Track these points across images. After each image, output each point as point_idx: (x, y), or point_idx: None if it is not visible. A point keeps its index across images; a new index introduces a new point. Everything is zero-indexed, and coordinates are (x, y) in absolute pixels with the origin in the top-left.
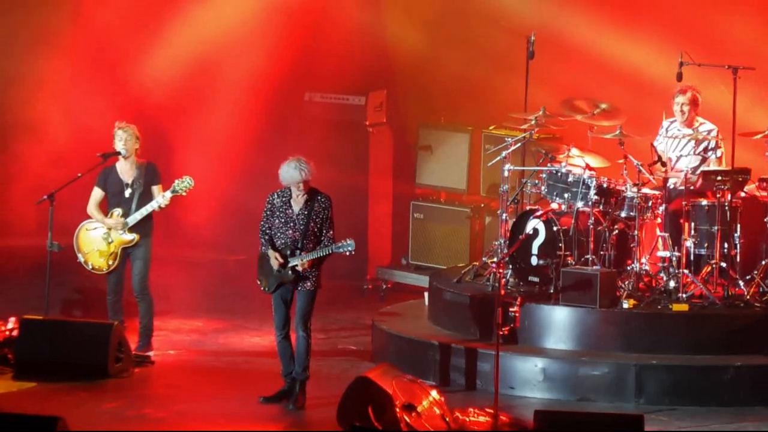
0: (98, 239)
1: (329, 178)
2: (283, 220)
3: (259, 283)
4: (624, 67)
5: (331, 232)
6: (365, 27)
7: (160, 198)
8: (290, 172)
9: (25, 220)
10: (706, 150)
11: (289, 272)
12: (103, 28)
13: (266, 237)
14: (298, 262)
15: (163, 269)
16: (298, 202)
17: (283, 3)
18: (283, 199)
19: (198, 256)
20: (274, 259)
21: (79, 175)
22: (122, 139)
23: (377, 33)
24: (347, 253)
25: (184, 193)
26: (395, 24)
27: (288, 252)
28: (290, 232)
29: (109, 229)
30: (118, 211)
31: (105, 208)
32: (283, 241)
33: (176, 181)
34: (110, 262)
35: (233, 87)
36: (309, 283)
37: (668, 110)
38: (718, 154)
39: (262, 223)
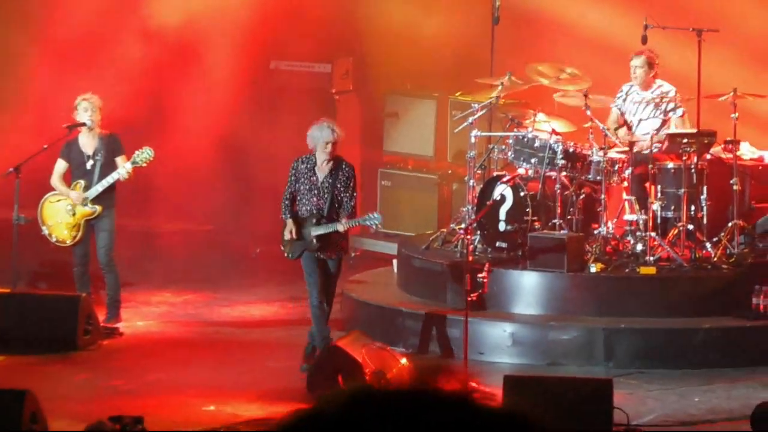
0: (62, 211)
1: (296, 146)
2: (307, 187)
3: (282, 249)
4: (589, 31)
5: (354, 202)
6: None
7: (121, 169)
8: (323, 131)
9: None
10: (666, 112)
11: (313, 241)
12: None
13: (285, 203)
14: (339, 227)
15: (130, 240)
16: (323, 170)
17: None
18: (308, 165)
19: (165, 226)
20: (288, 233)
21: (45, 147)
22: (87, 110)
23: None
24: (373, 227)
25: (144, 164)
26: None
27: (313, 220)
28: (315, 199)
29: (73, 201)
30: (81, 183)
31: (69, 180)
32: (307, 208)
33: (136, 152)
34: (74, 234)
35: (199, 57)
36: (335, 254)
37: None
38: (679, 113)
39: (286, 188)
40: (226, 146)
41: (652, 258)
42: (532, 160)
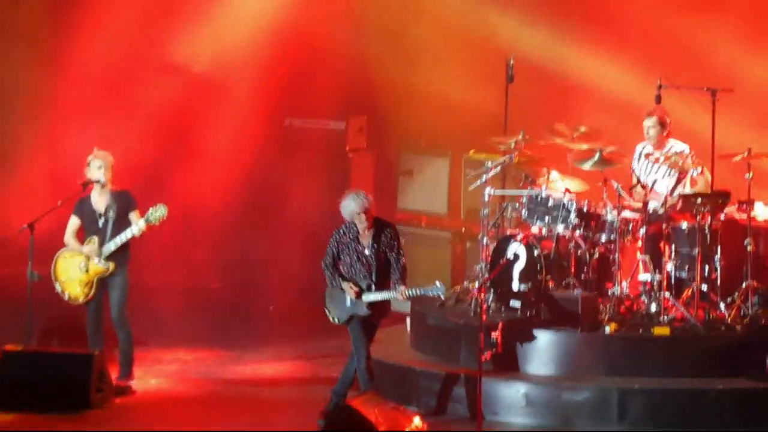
0: (75, 268)
1: (311, 203)
2: (355, 256)
3: (327, 313)
4: (604, 90)
5: (402, 262)
6: (345, 52)
7: (135, 227)
8: (350, 205)
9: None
10: (681, 171)
11: (364, 307)
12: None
13: (330, 271)
14: (398, 295)
15: (143, 297)
16: (365, 237)
17: (265, 30)
18: (351, 235)
19: (177, 284)
20: (350, 289)
21: (59, 203)
22: (100, 167)
23: (357, 59)
24: (436, 296)
25: (157, 223)
26: (375, 49)
27: (364, 286)
28: (361, 267)
29: (87, 258)
30: (94, 239)
31: (82, 236)
32: (354, 275)
33: (150, 210)
34: (87, 291)
35: (217, 114)
36: (380, 318)
37: (634, 130)
38: (699, 170)
39: (325, 259)
40: (241, 204)
41: (666, 318)
42: (546, 219)
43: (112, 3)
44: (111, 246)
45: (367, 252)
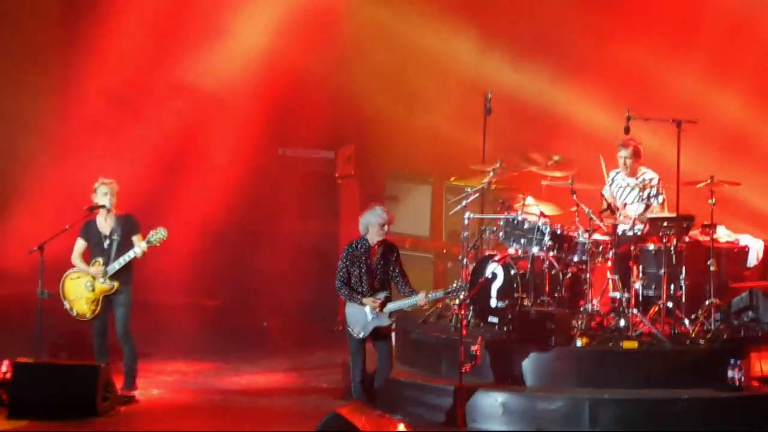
0: (82, 287)
1: (302, 227)
2: (364, 269)
3: (350, 330)
4: (576, 122)
5: (407, 277)
6: (334, 87)
7: (137, 248)
8: (379, 215)
9: (17, 270)
10: (649, 197)
11: (386, 317)
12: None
13: (347, 290)
14: (421, 301)
15: (145, 313)
16: (375, 252)
17: (258, 67)
18: (362, 249)
19: (178, 301)
20: (372, 303)
21: (67, 227)
22: (106, 194)
23: (345, 92)
24: (455, 295)
25: (157, 244)
26: (362, 83)
27: (381, 298)
28: (369, 280)
29: (93, 277)
30: (99, 260)
31: (89, 258)
32: (360, 290)
33: (151, 232)
34: (93, 308)
35: (212, 147)
36: (389, 329)
37: (607, 159)
38: (660, 200)
39: (339, 278)
40: (237, 227)
41: (634, 333)
42: (522, 241)
43: (113, 32)
44: (115, 266)
45: (375, 266)
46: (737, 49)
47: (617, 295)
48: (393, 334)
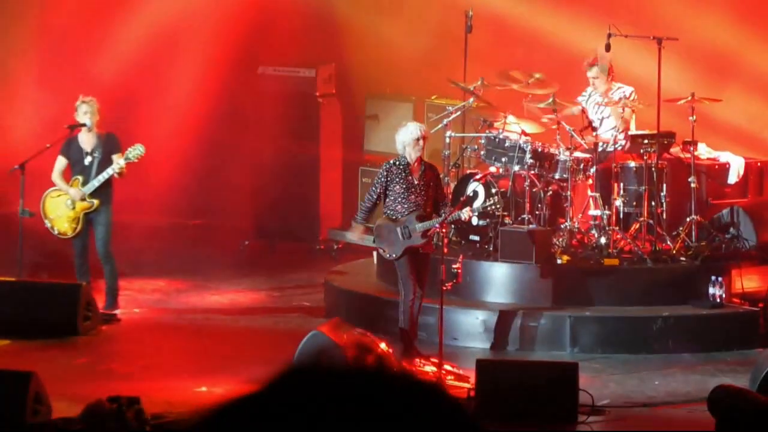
0: (62, 205)
1: (283, 147)
2: (404, 186)
3: (381, 251)
4: (557, 40)
5: (446, 197)
6: (314, 3)
7: (115, 165)
8: (413, 130)
9: None
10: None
11: (419, 236)
12: (63, 20)
13: (368, 207)
14: (465, 215)
15: (126, 233)
16: (416, 170)
17: None
18: (400, 167)
19: (159, 221)
20: (383, 233)
21: (48, 145)
22: (86, 112)
23: (326, 9)
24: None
25: (135, 160)
26: (344, 1)
27: (415, 217)
28: (413, 197)
29: (72, 197)
30: (79, 179)
31: (69, 176)
32: (405, 206)
33: (128, 149)
34: (74, 226)
35: (192, 64)
36: (431, 247)
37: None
38: (628, 113)
39: (372, 191)
40: (218, 146)
41: (615, 251)
42: (503, 159)
43: None
44: (95, 183)
45: (417, 183)
46: None
47: (598, 212)
48: (375, 254)
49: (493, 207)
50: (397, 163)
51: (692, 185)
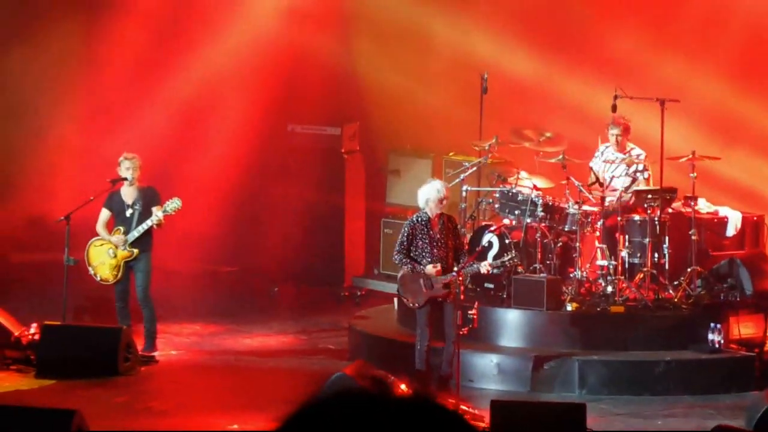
0: (104, 254)
1: (310, 199)
2: (426, 241)
3: (405, 300)
4: (566, 100)
5: (465, 248)
6: (340, 67)
7: (154, 217)
8: (438, 190)
9: (44, 238)
10: (635, 172)
11: (441, 288)
12: (107, 79)
13: (408, 258)
14: (483, 269)
15: (164, 279)
16: (436, 224)
17: (267, 48)
18: (422, 222)
19: (196, 268)
20: (433, 269)
21: (91, 198)
22: (129, 168)
23: (350, 72)
24: (508, 264)
25: (173, 213)
26: (366, 64)
27: (436, 269)
28: (435, 251)
29: (114, 245)
30: (120, 229)
31: (112, 227)
32: (428, 260)
33: (167, 202)
34: (115, 274)
35: (229, 121)
36: (452, 297)
37: (603, 137)
38: (646, 176)
39: (402, 245)
40: (250, 198)
41: (620, 299)
42: (516, 212)
43: (132, 12)
44: (134, 234)
45: (438, 237)
46: (719, 31)
47: (605, 262)
48: (396, 300)
49: (512, 261)
50: (419, 219)
51: (693, 237)
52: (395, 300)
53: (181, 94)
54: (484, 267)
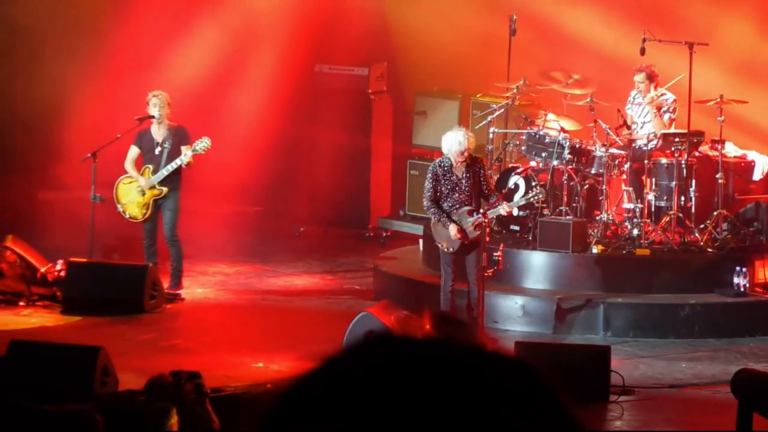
0: (133, 192)
1: (336, 140)
2: (449, 187)
3: (439, 245)
4: (595, 43)
5: (491, 187)
6: (368, 7)
7: (183, 156)
8: (460, 142)
9: (71, 176)
10: (662, 114)
11: (473, 230)
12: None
13: (436, 208)
14: (503, 210)
15: (192, 219)
16: (459, 168)
17: None
18: (444, 167)
19: (223, 208)
20: (456, 231)
21: (118, 136)
22: (156, 105)
23: (378, 12)
24: (536, 199)
25: (203, 152)
26: (394, 4)
27: (465, 212)
28: (456, 195)
29: (141, 187)
30: (149, 168)
31: (141, 164)
32: (450, 204)
33: (196, 141)
34: (144, 212)
35: (257, 64)
36: (479, 239)
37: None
38: (667, 118)
39: (429, 194)
40: (277, 139)
41: (646, 242)
42: (543, 155)
43: None
44: (164, 172)
45: (463, 182)
46: None
47: (631, 205)
48: (421, 241)
49: (537, 197)
50: (442, 164)
51: (719, 181)
52: (420, 241)
53: (210, 38)
54: (504, 209)
